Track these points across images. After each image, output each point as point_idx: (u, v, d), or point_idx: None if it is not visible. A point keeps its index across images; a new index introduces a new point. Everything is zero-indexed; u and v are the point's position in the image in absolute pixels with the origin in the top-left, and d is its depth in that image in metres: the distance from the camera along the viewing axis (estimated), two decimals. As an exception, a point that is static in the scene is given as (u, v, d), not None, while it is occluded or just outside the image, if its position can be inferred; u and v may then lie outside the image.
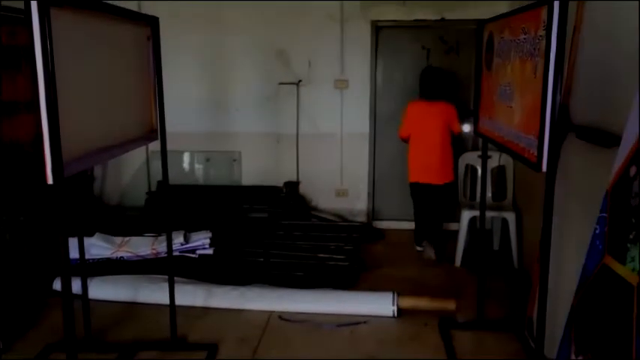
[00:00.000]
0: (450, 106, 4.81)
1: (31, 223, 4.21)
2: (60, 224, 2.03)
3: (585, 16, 2.94)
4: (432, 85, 4.83)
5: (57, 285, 4.03)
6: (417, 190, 4.99)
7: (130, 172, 5.96)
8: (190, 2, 5.55)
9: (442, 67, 5.10)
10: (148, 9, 4.95)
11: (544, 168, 2.34)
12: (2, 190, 3.86)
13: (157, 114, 2.98)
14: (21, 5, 1.87)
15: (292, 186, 5.72)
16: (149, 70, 2.93)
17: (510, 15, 2.83)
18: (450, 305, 3.75)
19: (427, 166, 4.83)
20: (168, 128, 3.03)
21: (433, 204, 4.95)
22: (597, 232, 2.12)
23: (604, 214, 2.09)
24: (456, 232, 4.92)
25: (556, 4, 2.19)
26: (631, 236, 1.89)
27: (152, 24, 2.90)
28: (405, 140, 4.95)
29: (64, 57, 1.95)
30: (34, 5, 1.83)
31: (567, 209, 2.95)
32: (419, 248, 5.11)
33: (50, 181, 1.91)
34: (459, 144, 5.16)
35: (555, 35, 2.21)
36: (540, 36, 2.33)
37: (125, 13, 2.61)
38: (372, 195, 5.79)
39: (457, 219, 5.07)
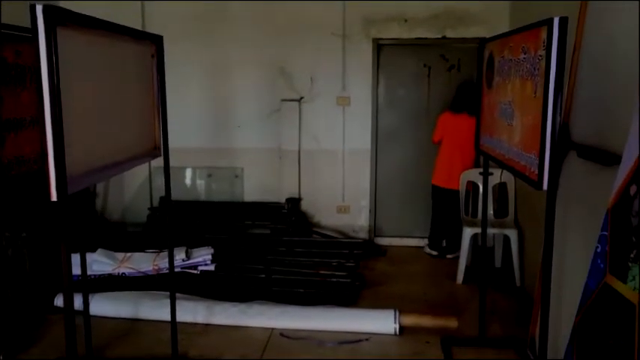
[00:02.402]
0: None
1: (33, 239, 4.22)
2: (63, 240, 2.04)
3: (585, 32, 2.97)
4: (465, 99, 5.07)
5: (58, 301, 4.03)
6: (438, 194, 5.29)
7: (133, 188, 5.98)
8: (194, 20, 5.62)
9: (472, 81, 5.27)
10: (152, 27, 5.03)
11: (545, 186, 2.35)
12: (5, 206, 3.88)
13: (160, 131, 3.00)
14: (26, 24, 1.90)
15: (294, 202, 5.72)
16: (153, 88, 2.95)
17: (510, 34, 2.86)
18: (452, 323, 3.74)
19: (450, 171, 5.16)
20: (171, 144, 3.05)
21: (452, 208, 5.19)
22: (599, 250, 2.13)
23: (605, 233, 2.09)
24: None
25: (556, 24, 2.22)
26: (632, 255, 1.89)
27: (156, 42, 2.93)
28: (436, 143, 5.32)
29: (69, 75, 1.97)
30: (40, 24, 1.85)
31: (568, 227, 2.95)
32: (433, 252, 5.43)
33: (54, 198, 1.92)
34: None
35: (555, 55, 2.23)
36: (540, 55, 2.35)
37: (130, 31, 2.64)
38: (374, 212, 5.80)
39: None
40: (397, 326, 3.71)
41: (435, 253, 5.44)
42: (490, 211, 5.00)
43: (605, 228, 2.10)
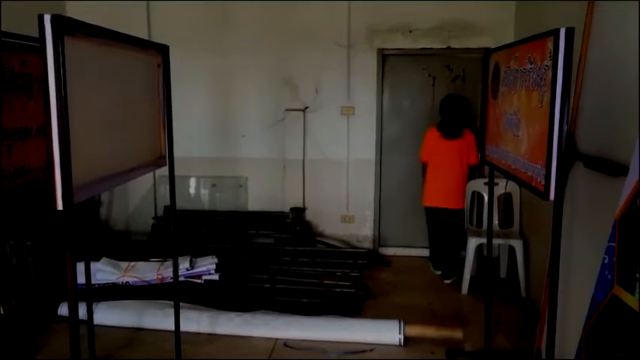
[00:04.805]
0: (470, 134, 4.90)
1: (37, 248, 4.22)
2: (69, 249, 2.04)
3: (591, 40, 2.97)
4: (453, 117, 4.88)
5: (62, 310, 4.03)
6: (432, 215, 5.09)
7: (137, 197, 5.98)
8: (198, 30, 5.65)
9: (460, 94, 5.18)
10: (158, 38, 5.05)
11: (552, 197, 2.33)
12: (10, 215, 3.88)
13: (165, 140, 3.00)
14: (31, 33, 1.89)
15: (298, 212, 5.72)
16: (159, 97, 2.96)
17: (516, 45, 2.85)
18: (457, 334, 3.72)
19: (443, 191, 4.95)
20: (176, 153, 3.05)
21: (447, 228, 5.03)
22: (606, 261, 2.11)
23: (612, 244, 2.08)
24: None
25: (562, 35, 2.22)
26: (640, 266, 1.88)
27: (162, 52, 2.94)
28: (426, 164, 5.06)
29: (75, 84, 1.98)
30: (48, 33, 1.86)
31: (575, 238, 2.94)
32: (437, 272, 5.15)
33: (60, 207, 1.92)
34: (473, 172, 5.15)
35: (561, 65, 2.23)
36: (546, 66, 2.35)
37: (136, 41, 2.65)
38: (378, 221, 5.78)
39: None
40: (402, 337, 3.69)
41: (438, 272, 5.15)
42: (495, 222, 4.99)
43: (612, 239, 2.08)
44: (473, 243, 4.71)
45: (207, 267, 4.58)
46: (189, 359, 3.46)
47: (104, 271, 4.46)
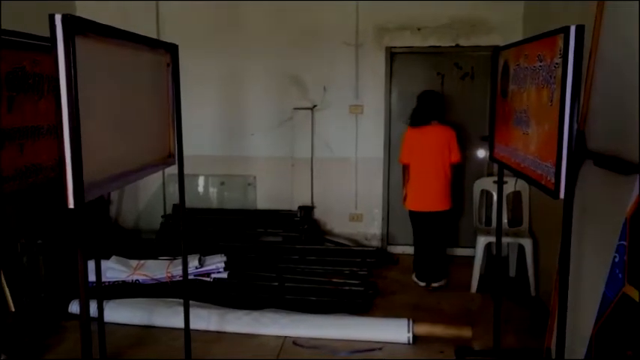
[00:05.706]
0: (450, 130, 4.74)
1: (48, 246, 4.25)
2: (80, 247, 2.05)
3: (601, 36, 2.95)
4: (421, 108, 4.76)
5: (73, 308, 4.06)
6: (417, 219, 4.86)
7: (146, 196, 6.01)
8: (207, 30, 5.67)
9: (435, 90, 5.11)
10: (167, 37, 5.07)
11: (561, 195, 2.32)
12: (21, 213, 3.91)
13: (174, 139, 3.01)
14: (41, 33, 1.91)
15: (307, 210, 5.72)
16: (168, 96, 2.97)
17: (526, 42, 2.84)
18: (466, 333, 3.71)
19: (425, 193, 4.73)
20: (184, 152, 3.06)
21: (433, 230, 4.82)
22: (617, 260, 2.10)
23: (623, 242, 2.07)
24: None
25: (572, 33, 2.20)
26: (651, 265, 1.87)
27: (172, 51, 2.95)
28: (407, 166, 4.84)
29: (86, 83, 1.99)
30: (59, 33, 1.87)
31: (585, 237, 2.92)
32: (421, 283, 4.86)
33: (71, 205, 1.93)
34: (460, 170, 5.10)
35: (572, 63, 2.22)
36: (556, 63, 2.34)
37: (146, 40, 2.66)
38: (387, 220, 5.78)
39: (467, 244, 5.17)
40: (411, 335, 3.69)
41: (422, 283, 4.83)
42: (504, 220, 4.97)
43: (623, 237, 2.08)
44: (482, 241, 4.70)
45: (216, 265, 4.60)
46: (199, 357, 3.48)
47: (114, 269, 4.49)
